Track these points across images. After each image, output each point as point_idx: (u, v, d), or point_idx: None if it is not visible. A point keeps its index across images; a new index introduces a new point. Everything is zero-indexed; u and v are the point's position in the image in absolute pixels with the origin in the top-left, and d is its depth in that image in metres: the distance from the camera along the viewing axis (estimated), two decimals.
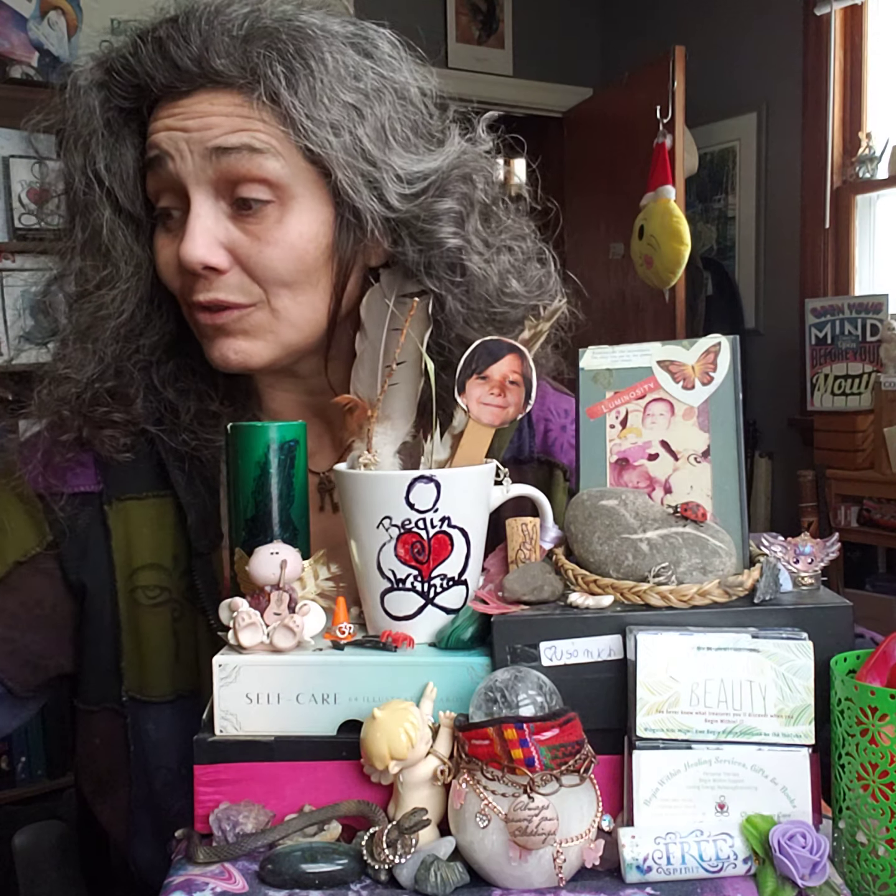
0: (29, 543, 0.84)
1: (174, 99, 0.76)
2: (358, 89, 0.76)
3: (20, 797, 2.60)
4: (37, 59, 2.80)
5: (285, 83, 0.73)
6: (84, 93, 0.78)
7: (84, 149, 0.79)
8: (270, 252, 0.76)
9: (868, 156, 3.21)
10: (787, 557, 0.72)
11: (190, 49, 0.74)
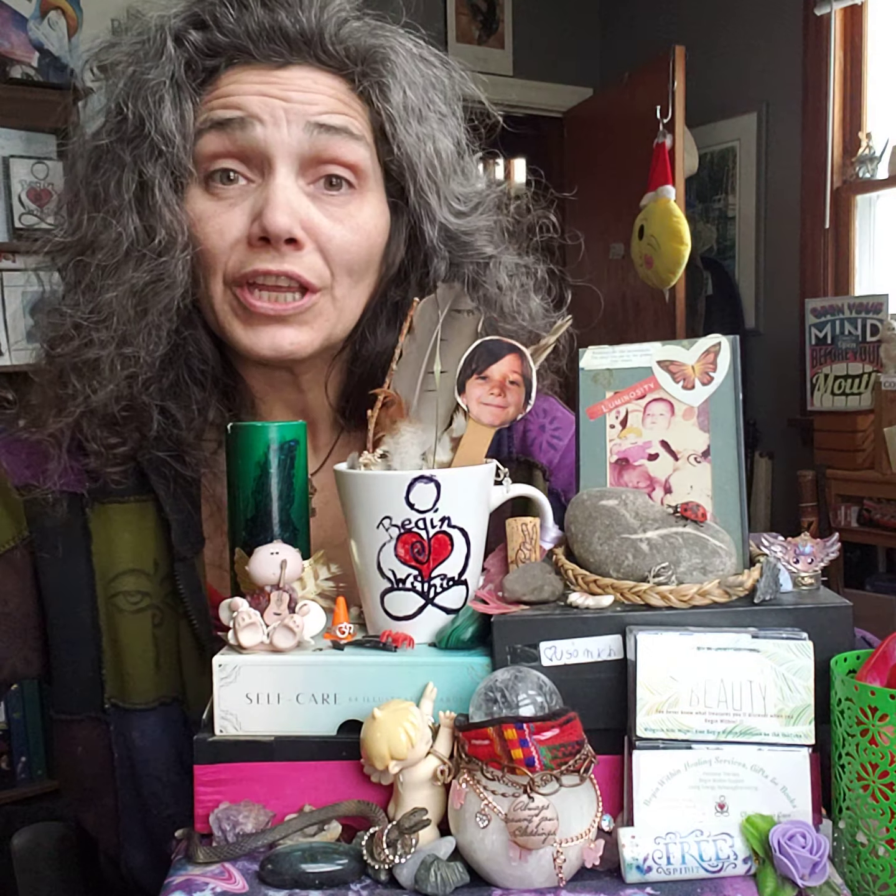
0: (4, 536, 0.81)
1: (267, 69, 0.75)
2: (438, 110, 0.81)
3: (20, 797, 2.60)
4: (37, 59, 2.80)
5: (383, 89, 0.77)
6: (169, 38, 0.74)
7: (153, 97, 0.73)
8: (349, 235, 0.78)
9: (868, 156, 3.21)
10: (787, 557, 0.72)
11: (302, 24, 0.74)
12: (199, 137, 0.75)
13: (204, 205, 0.76)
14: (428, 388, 0.78)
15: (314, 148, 0.75)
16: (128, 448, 0.79)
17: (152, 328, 0.75)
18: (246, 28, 0.74)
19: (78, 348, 0.75)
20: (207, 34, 0.75)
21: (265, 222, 0.73)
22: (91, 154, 0.77)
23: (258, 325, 0.78)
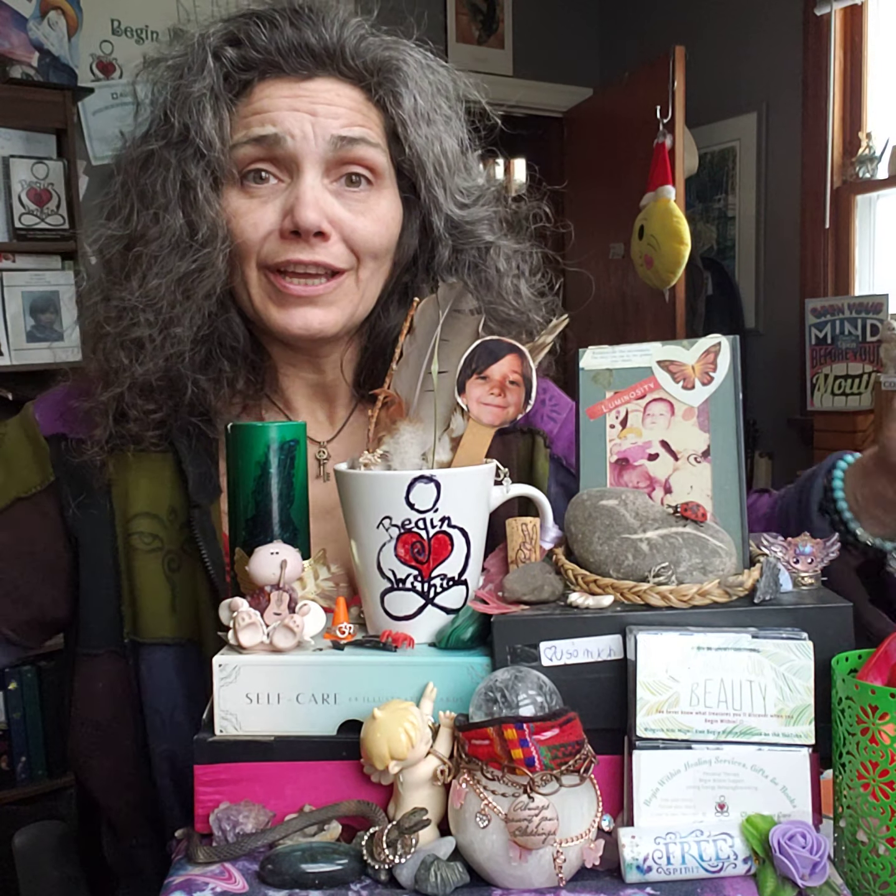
0: (31, 481, 0.88)
1: (295, 80, 0.84)
2: (444, 113, 0.91)
3: (20, 797, 2.60)
4: (37, 58, 2.80)
5: (396, 97, 0.87)
6: (209, 54, 0.84)
7: (196, 107, 0.83)
8: (369, 224, 0.87)
9: (868, 156, 3.21)
10: (787, 557, 0.72)
11: (325, 40, 0.84)
12: (238, 147, 0.84)
13: (239, 202, 0.85)
14: (428, 389, 0.78)
15: (337, 154, 0.85)
16: (163, 414, 0.87)
17: (195, 311, 0.84)
18: (276, 45, 0.84)
19: (126, 328, 0.84)
20: (242, 50, 0.85)
21: (297, 218, 0.82)
22: (140, 157, 0.86)
23: (290, 307, 0.87)
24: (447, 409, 0.77)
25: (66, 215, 2.76)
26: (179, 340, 0.84)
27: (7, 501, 0.88)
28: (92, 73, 3.09)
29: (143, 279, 0.84)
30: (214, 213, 0.83)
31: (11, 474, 0.89)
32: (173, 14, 3.24)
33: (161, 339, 0.83)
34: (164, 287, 0.83)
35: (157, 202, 0.84)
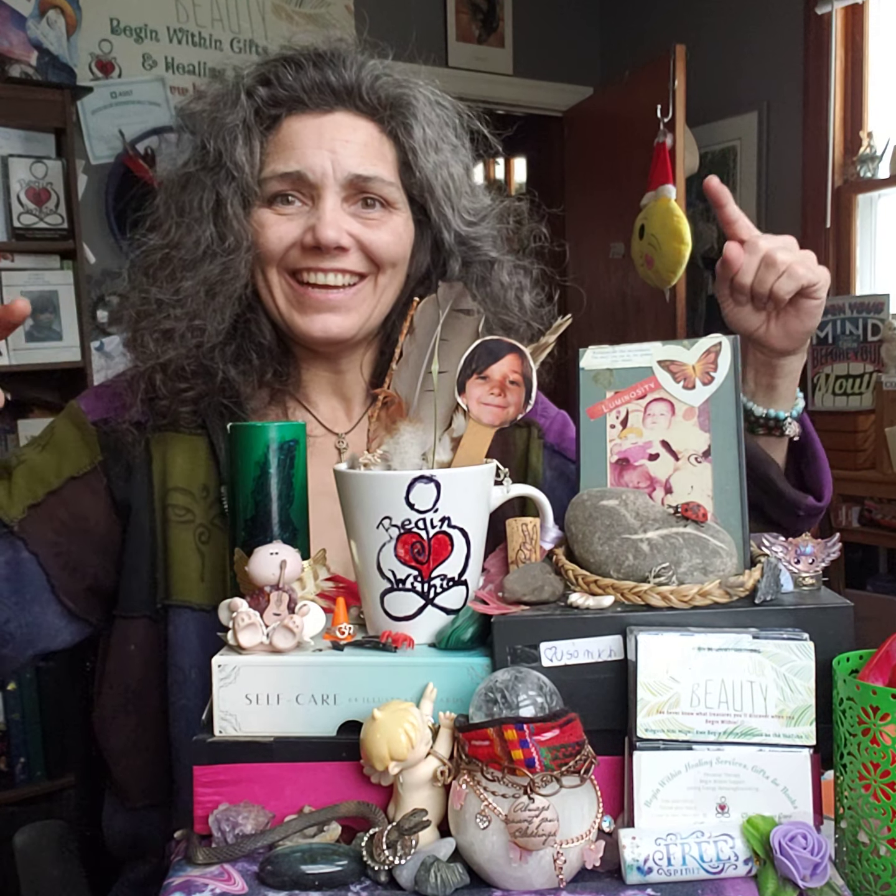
0: (82, 462, 0.97)
1: (317, 115, 0.96)
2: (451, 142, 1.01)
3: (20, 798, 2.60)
4: (36, 58, 2.80)
5: (407, 128, 0.97)
6: (242, 92, 0.96)
7: (229, 136, 0.94)
8: (384, 236, 0.97)
9: (869, 155, 3.20)
10: (788, 558, 0.72)
11: (344, 79, 0.95)
12: (267, 181, 0.96)
13: (267, 217, 0.96)
14: (428, 389, 0.77)
15: (353, 186, 0.96)
16: (195, 393, 0.96)
17: (218, 309, 0.95)
18: (301, 84, 0.95)
19: (158, 321, 0.94)
20: (272, 89, 0.96)
21: (318, 235, 0.93)
22: (180, 178, 0.98)
23: (312, 313, 0.97)
24: (447, 409, 0.77)
25: (65, 215, 2.75)
26: (203, 333, 0.94)
27: (61, 482, 0.96)
28: (91, 72, 3.08)
29: (175, 280, 0.95)
30: (241, 226, 0.95)
31: (64, 457, 0.97)
32: (172, 13, 3.24)
33: (187, 331, 0.94)
34: (192, 287, 0.94)
35: (192, 216, 0.96)
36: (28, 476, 0.96)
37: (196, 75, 3.28)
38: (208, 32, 3.30)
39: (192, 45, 3.27)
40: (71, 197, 2.75)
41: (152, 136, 3.17)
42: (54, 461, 0.97)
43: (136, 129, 3.14)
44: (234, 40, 3.35)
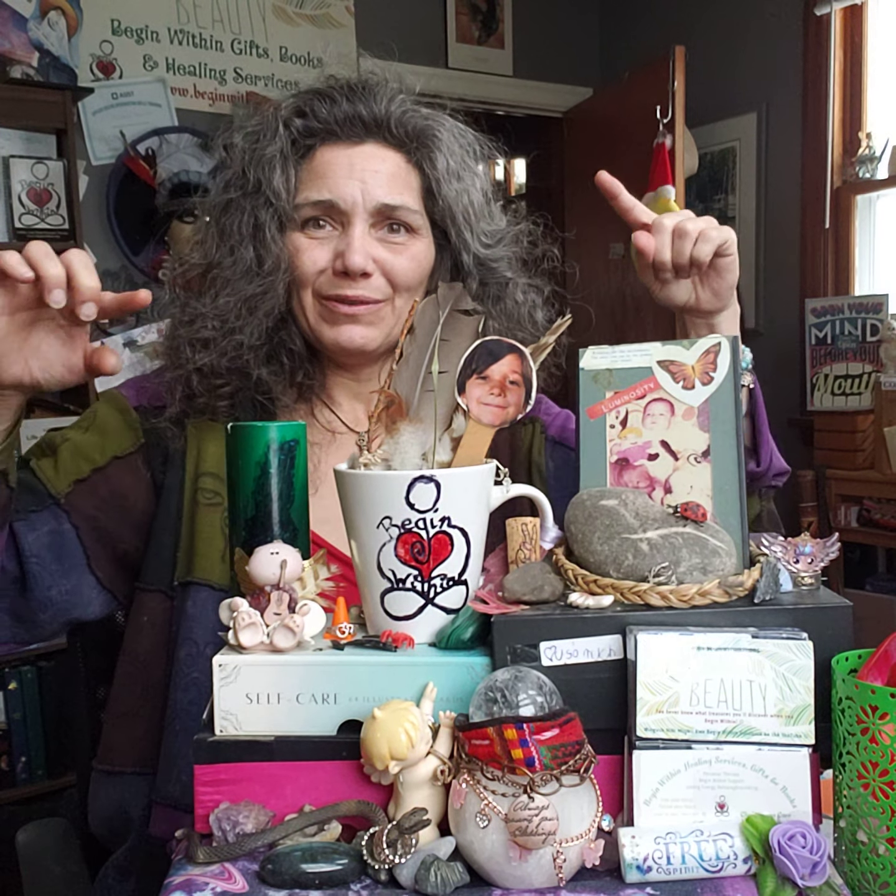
0: (126, 443, 1.03)
1: (349, 145, 1.03)
2: (471, 169, 1.09)
3: (20, 797, 2.60)
4: (37, 59, 2.80)
5: (432, 159, 1.05)
6: (280, 123, 1.04)
7: (268, 166, 1.02)
8: (406, 263, 1.05)
9: (868, 156, 3.20)
10: (788, 557, 0.72)
11: (374, 112, 1.03)
12: (301, 207, 1.03)
13: (300, 241, 1.04)
14: (428, 389, 0.78)
15: (380, 214, 1.03)
16: (231, 388, 1.03)
17: (255, 325, 1.02)
18: (334, 117, 1.03)
19: (196, 329, 1.02)
20: (307, 121, 1.04)
21: (347, 262, 1.01)
22: (222, 203, 1.06)
23: (340, 325, 1.05)
24: (447, 409, 0.77)
25: (66, 215, 2.76)
26: (239, 345, 1.02)
27: (106, 460, 1.02)
28: (92, 73, 3.08)
29: (215, 296, 1.03)
30: (278, 249, 1.02)
31: (107, 437, 1.03)
32: (173, 14, 3.24)
33: (224, 342, 1.01)
34: (232, 303, 1.02)
35: (233, 238, 1.03)
36: (74, 453, 1.01)
37: (197, 76, 3.28)
38: (209, 34, 3.30)
39: (193, 47, 3.28)
40: (72, 198, 2.75)
41: (153, 137, 3.17)
42: (98, 441, 1.02)
43: (137, 129, 3.14)
44: (235, 41, 3.35)
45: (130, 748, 1.02)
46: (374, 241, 1.03)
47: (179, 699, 0.98)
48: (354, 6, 3.53)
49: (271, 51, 3.41)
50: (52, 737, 2.68)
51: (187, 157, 3.23)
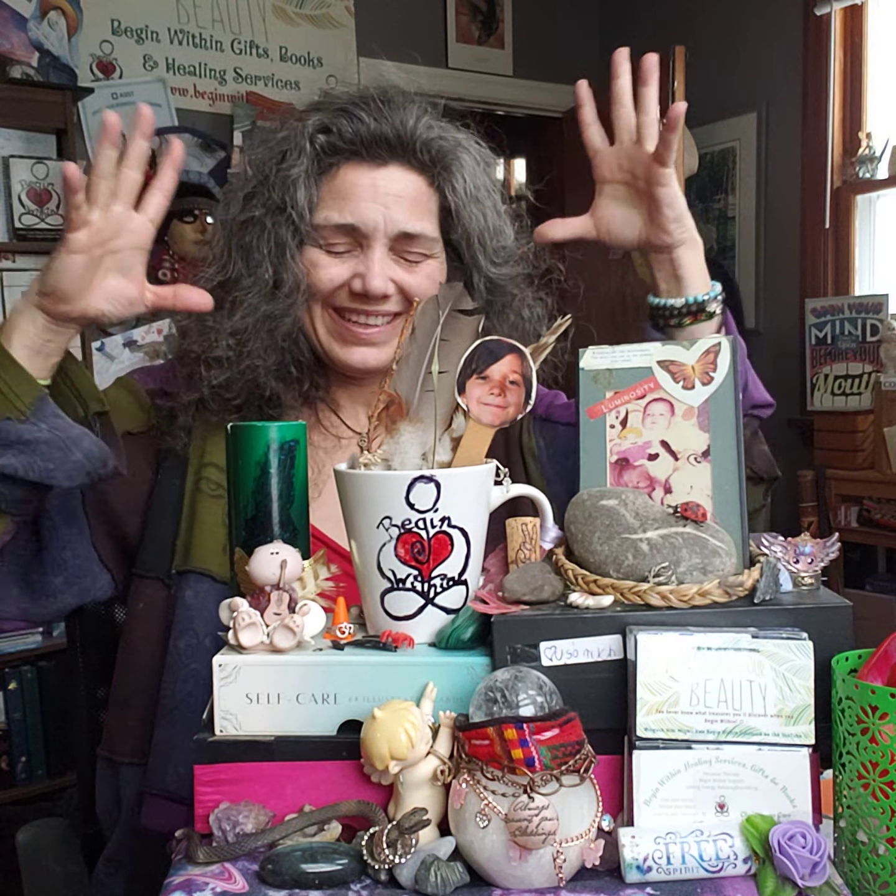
0: (138, 421, 1.05)
1: (373, 167, 1.03)
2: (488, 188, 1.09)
3: (20, 797, 2.60)
4: (37, 59, 2.80)
5: (453, 183, 1.05)
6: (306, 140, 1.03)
7: (293, 184, 1.01)
8: (421, 280, 1.05)
9: (868, 156, 3.20)
10: (787, 557, 0.72)
11: (400, 134, 1.02)
12: (322, 228, 1.03)
13: (318, 258, 1.04)
14: (428, 389, 0.78)
15: (400, 241, 1.03)
16: (240, 401, 1.04)
17: (273, 348, 1.03)
18: (361, 138, 1.02)
19: (209, 348, 1.02)
20: (331, 138, 1.02)
21: (368, 287, 1.02)
22: (243, 220, 1.05)
23: (352, 346, 1.05)
24: (447, 409, 0.77)
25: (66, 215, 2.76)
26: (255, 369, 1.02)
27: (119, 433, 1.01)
28: (92, 73, 3.09)
29: (231, 314, 1.02)
30: (298, 269, 1.02)
31: (119, 413, 1.01)
32: (173, 15, 3.24)
33: (237, 360, 1.02)
34: (249, 323, 1.01)
35: (252, 256, 1.03)
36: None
37: (197, 76, 3.28)
38: (209, 34, 3.30)
39: (193, 47, 3.28)
40: None
41: (153, 137, 3.17)
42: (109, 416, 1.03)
43: None
44: (235, 41, 3.35)
45: (125, 738, 1.03)
46: (391, 263, 1.04)
47: (178, 690, 0.98)
48: (354, 6, 3.53)
49: (271, 51, 3.42)
50: (52, 737, 2.68)
51: (187, 157, 3.23)
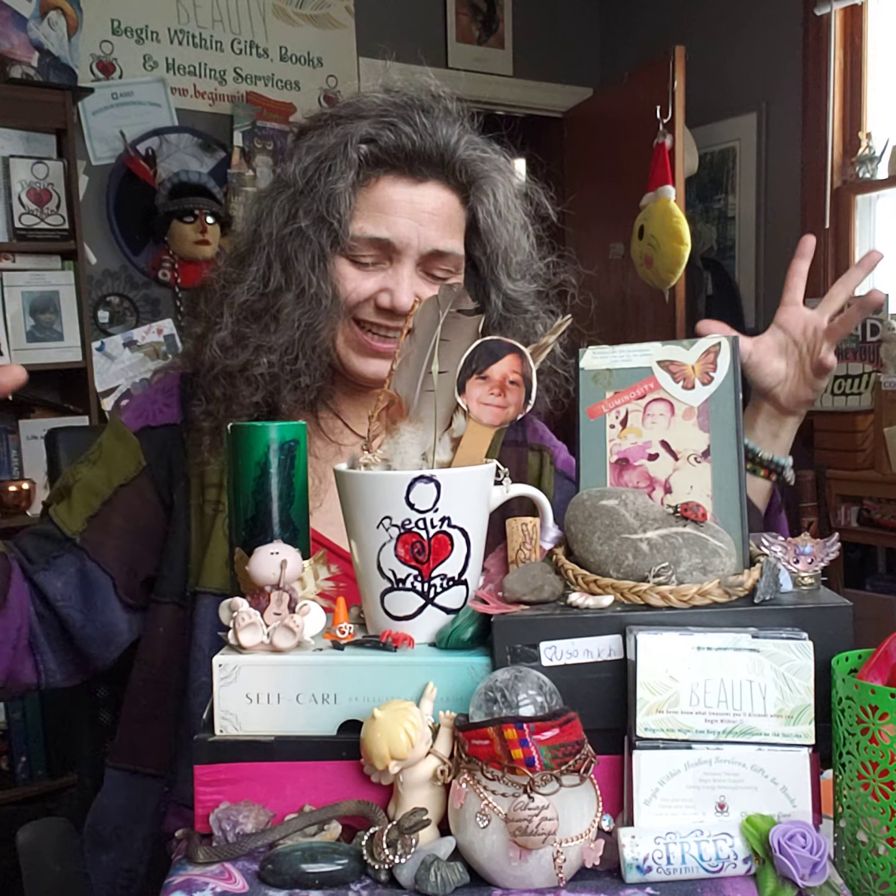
0: (129, 470, 1.05)
1: (411, 183, 1.03)
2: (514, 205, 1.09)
3: (20, 797, 2.60)
4: (37, 58, 2.80)
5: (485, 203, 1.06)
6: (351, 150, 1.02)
7: (339, 198, 1.01)
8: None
9: (868, 156, 3.20)
10: (788, 557, 0.72)
11: (442, 152, 1.03)
12: (356, 239, 1.03)
13: (348, 270, 1.04)
14: (428, 389, 0.78)
15: (430, 258, 1.04)
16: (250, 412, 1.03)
17: (312, 356, 1.03)
18: (405, 153, 1.02)
19: (247, 364, 1.01)
20: (372, 147, 1.02)
21: (395, 302, 1.02)
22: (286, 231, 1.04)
23: (369, 358, 1.06)
24: (447, 409, 0.77)
25: (66, 215, 2.76)
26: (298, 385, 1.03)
27: (112, 490, 1.04)
28: (92, 73, 3.09)
29: (275, 329, 1.01)
30: (335, 281, 1.02)
31: (112, 468, 1.05)
32: (173, 14, 3.24)
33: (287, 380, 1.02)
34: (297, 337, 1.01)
35: (293, 268, 1.02)
36: (84, 491, 1.04)
37: (197, 76, 3.29)
38: (209, 34, 3.31)
39: (193, 47, 3.28)
40: (72, 197, 2.75)
41: (153, 137, 3.17)
42: (104, 474, 1.05)
43: (137, 129, 3.14)
44: (235, 41, 3.35)
45: (150, 750, 1.05)
46: (418, 279, 1.05)
47: (192, 703, 1.01)
48: (354, 6, 3.54)
49: (271, 51, 3.42)
50: (52, 737, 2.68)
51: (187, 157, 3.23)
